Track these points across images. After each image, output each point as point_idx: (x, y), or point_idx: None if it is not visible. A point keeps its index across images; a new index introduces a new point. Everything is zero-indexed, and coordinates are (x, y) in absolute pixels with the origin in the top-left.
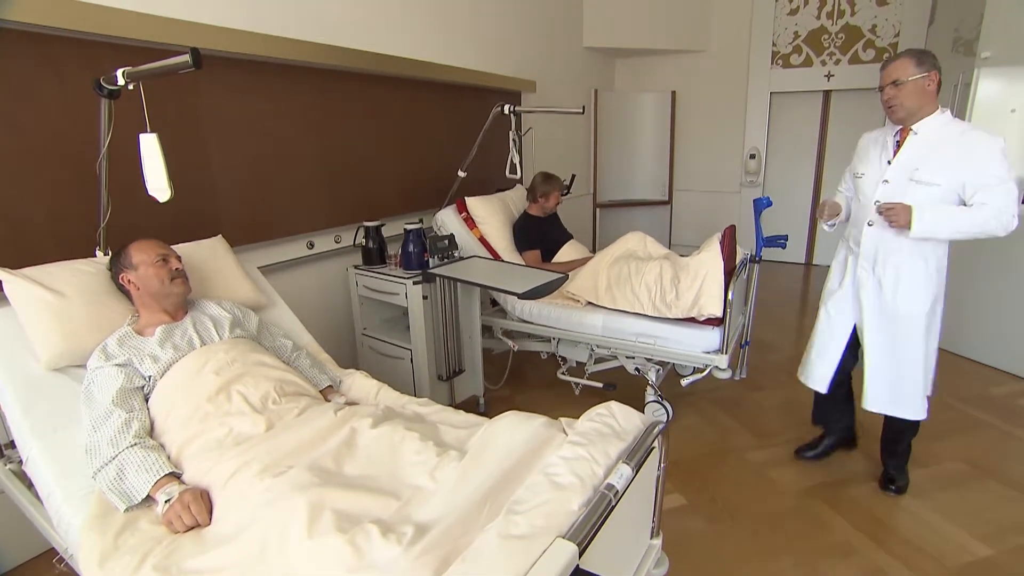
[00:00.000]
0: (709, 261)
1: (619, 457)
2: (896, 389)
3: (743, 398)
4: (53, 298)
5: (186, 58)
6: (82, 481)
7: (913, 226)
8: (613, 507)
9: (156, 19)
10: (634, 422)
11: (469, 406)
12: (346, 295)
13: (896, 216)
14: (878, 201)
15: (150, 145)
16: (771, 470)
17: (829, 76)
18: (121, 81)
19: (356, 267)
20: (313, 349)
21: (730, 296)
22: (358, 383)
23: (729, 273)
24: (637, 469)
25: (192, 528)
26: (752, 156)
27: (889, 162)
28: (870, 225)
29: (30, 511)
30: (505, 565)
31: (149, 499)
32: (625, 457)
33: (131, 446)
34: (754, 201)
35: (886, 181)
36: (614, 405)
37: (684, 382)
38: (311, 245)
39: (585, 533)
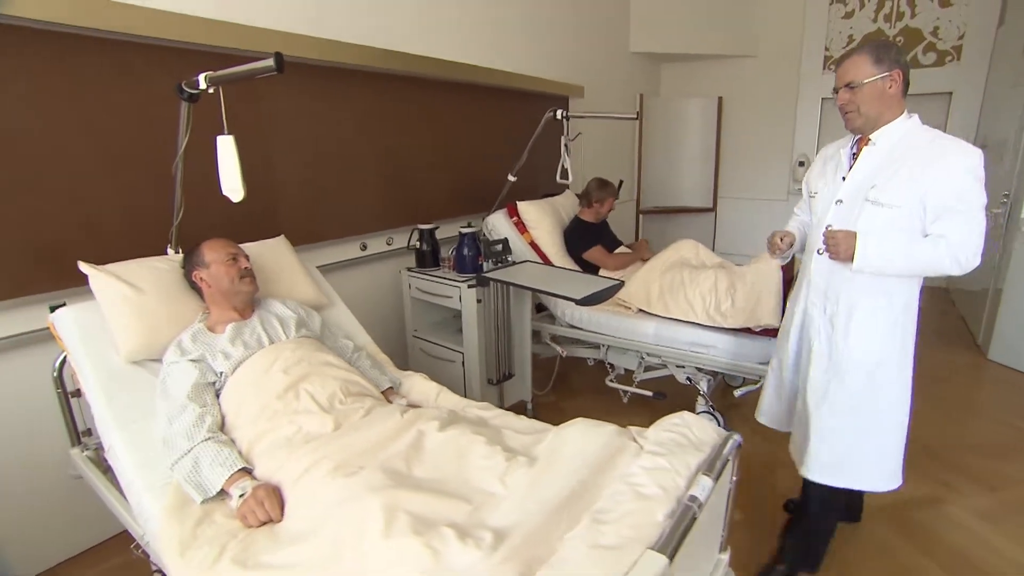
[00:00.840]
0: (767, 270)
1: (698, 468)
2: (839, 454)
3: None
4: (133, 293)
5: (270, 62)
6: (161, 471)
7: (855, 258)
8: (695, 519)
9: (227, 25)
10: (709, 433)
11: (517, 411)
12: (397, 297)
13: (836, 245)
14: (829, 226)
15: (227, 147)
16: None
17: None
18: (203, 85)
19: (409, 269)
20: (372, 350)
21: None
22: (418, 385)
23: (787, 283)
24: (717, 481)
25: (265, 523)
26: (801, 163)
27: (844, 178)
28: (820, 253)
29: (107, 497)
30: (596, 575)
31: (223, 492)
32: (704, 468)
33: (205, 440)
34: None
35: (839, 201)
36: (688, 416)
37: (737, 393)
38: (364, 247)
39: (673, 545)
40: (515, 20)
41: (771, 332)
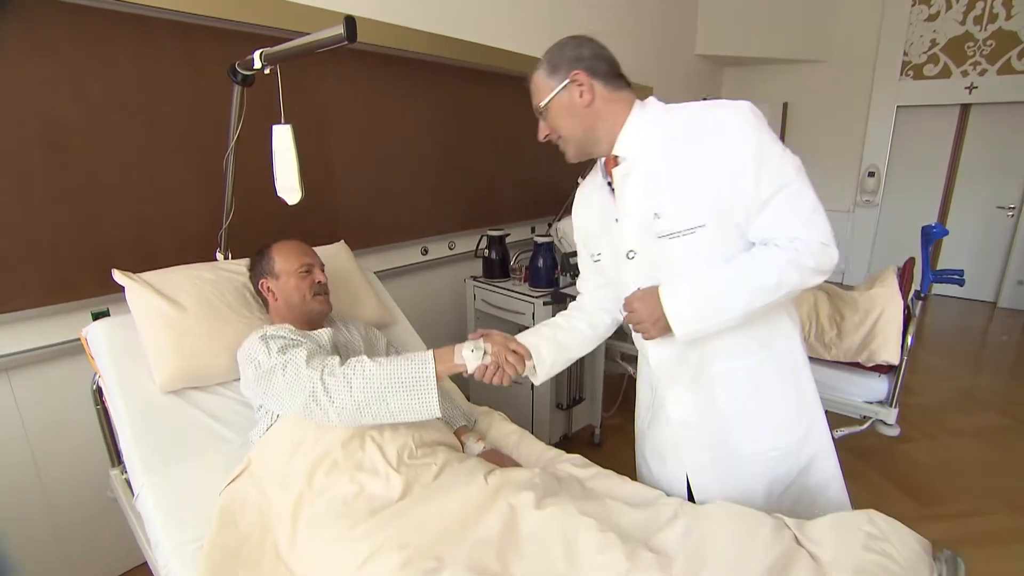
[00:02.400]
0: (885, 299)
1: None
2: None
3: (890, 450)
4: (172, 310)
5: (339, 30)
6: (192, 532)
7: (671, 324)
8: None
9: (289, 5)
10: (914, 548)
11: (584, 436)
12: (459, 308)
13: (640, 321)
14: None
15: (283, 138)
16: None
17: (971, 88)
18: (258, 64)
19: (475, 279)
20: None
21: (909, 341)
22: (495, 426)
23: (905, 321)
24: None
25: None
26: (871, 174)
27: (617, 220)
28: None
29: (137, 532)
30: None
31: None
32: None
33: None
34: (923, 229)
35: (631, 254)
36: (877, 518)
37: (836, 433)
38: (425, 251)
39: None
40: (585, 19)
41: (882, 368)
